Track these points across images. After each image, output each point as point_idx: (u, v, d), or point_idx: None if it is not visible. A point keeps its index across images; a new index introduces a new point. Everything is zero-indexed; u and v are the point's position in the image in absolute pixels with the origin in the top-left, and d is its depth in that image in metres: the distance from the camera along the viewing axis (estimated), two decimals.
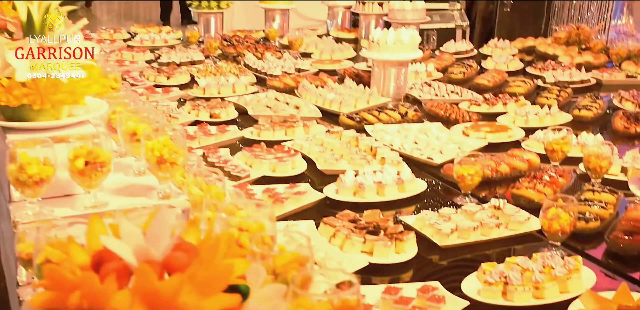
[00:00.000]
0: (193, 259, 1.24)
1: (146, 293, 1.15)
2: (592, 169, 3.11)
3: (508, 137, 3.84)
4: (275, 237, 1.63)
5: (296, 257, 1.49)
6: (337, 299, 1.30)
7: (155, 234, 1.26)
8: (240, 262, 1.32)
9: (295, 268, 1.48)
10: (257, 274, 1.34)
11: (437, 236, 2.66)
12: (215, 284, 1.20)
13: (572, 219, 2.53)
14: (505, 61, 5.52)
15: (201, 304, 1.17)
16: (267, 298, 1.32)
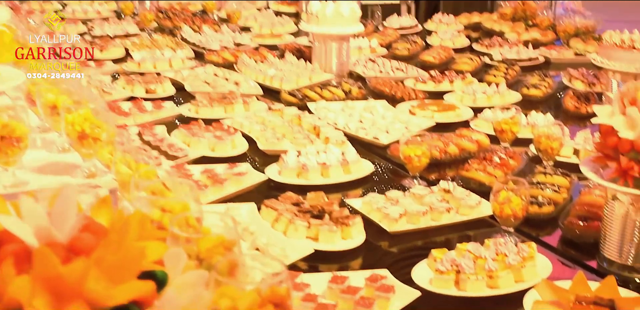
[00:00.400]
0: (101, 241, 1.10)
1: (48, 279, 1.01)
2: (543, 150, 3.05)
3: (456, 116, 3.77)
4: (201, 219, 1.49)
5: (221, 240, 1.35)
6: (265, 288, 1.19)
7: (60, 214, 1.11)
8: (156, 245, 1.17)
9: (221, 253, 1.34)
10: (177, 259, 1.20)
11: (385, 221, 2.57)
12: (127, 269, 1.06)
13: (524, 203, 2.45)
14: (451, 37, 5.44)
15: (111, 291, 1.03)
16: (187, 286, 1.18)
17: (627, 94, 2.22)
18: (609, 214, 2.31)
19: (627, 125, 2.17)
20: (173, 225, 1.33)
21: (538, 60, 5.00)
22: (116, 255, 1.07)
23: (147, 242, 1.15)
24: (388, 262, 2.42)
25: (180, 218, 1.40)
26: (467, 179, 2.93)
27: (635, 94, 2.21)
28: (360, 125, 3.54)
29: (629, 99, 2.19)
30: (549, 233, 2.65)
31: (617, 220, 2.28)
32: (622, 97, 2.21)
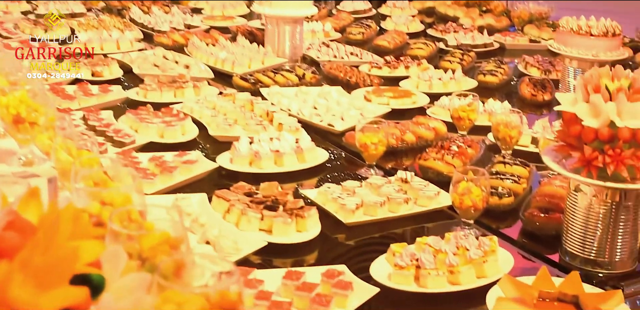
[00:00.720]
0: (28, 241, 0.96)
1: None
2: (502, 139, 2.97)
3: (412, 103, 3.68)
4: (145, 213, 1.35)
5: (167, 237, 1.21)
6: (214, 291, 1.07)
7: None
8: (92, 244, 1.02)
9: (166, 252, 1.20)
10: (115, 260, 1.07)
11: (342, 212, 2.47)
12: (57, 273, 0.92)
13: (485, 194, 2.37)
14: (405, 22, 5.34)
15: (38, 299, 0.90)
16: (127, 290, 1.05)
17: (591, 80, 2.13)
18: (572, 206, 2.23)
19: (590, 113, 2.09)
20: (112, 221, 1.20)
21: (493, 46, 4.92)
22: (45, 256, 0.93)
23: (81, 241, 1.02)
24: (345, 255, 2.32)
25: (121, 212, 1.26)
26: (425, 169, 2.83)
27: (599, 81, 2.12)
28: (314, 112, 3.43)
29: (593, 86, 2.11)
30: (509, 225, 2.57)
31: (579, 212, 2.21)
32: (586, 84, 2.13)
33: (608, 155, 2.07)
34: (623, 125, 2.04)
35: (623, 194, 2.14)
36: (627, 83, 2.12)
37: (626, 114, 2.05)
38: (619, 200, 2.15)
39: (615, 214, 2.16)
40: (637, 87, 2.09)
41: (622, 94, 2.05)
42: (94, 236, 1.03)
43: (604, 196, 2.15)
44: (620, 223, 2.17)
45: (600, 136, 2.07)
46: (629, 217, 2.17)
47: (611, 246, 2.19)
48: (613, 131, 2.06)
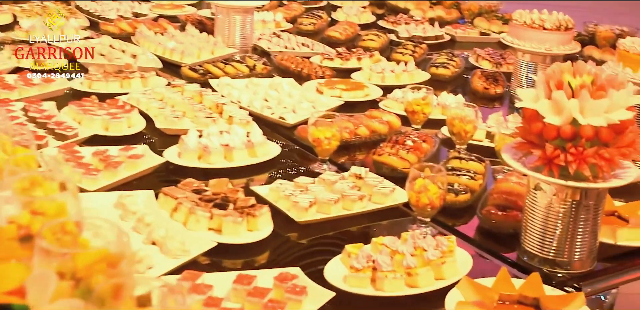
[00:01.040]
0: None
1: None
2: (457, 133, 2.86)
3: (365, 95, 3.55)
4: (81, 224, 1.19)
5: (104, 255, 1.07)
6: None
7: None
8: (15, 268, 0.88)
9: (103, 271, 1.06)
10: (44, 284, 0.92)
11: (294, 211, 2.33)
12: None
13: (442, 191, 2.26)
14: (357, 13, 5.20)
15: None
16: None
17: (553, 76, 2.02)
18: (531, 205, 2.12)
19: (553, 110, 1.98)
20: (43, 236, 1.05)
21: (444, 39, 4.81)
22: None
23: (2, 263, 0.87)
24: (298, 256, 2.19)
25: (53, 225, 1.11)
26: (380, 164, 2.71)
27: (561, 77, 2.02)
28: (265, 104, 3.28)
29: (555, 83, 2.00)
30: (465, 222, 2.46)
31: (539, 211, 2.10)
32: (548, 80, 2.02)
33: (570, 153, 1.97)
34: (586, 123, 1.94)
35: (584, 193, 2.04)
36: (589, 79, 2.02)
37: (589, 111, 1.95)
38: (580, 199, 2.05)
39: (575, 213, 2.06)
40: (600, 84, 1.99)
41: (586, 91, 1.95)
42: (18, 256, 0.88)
43: (565, 195, 2.05)
44: (580, 222, 2.07)
45: (562, 134, 1.97)
46: (589, 217, 2.07)
47: (570, 246, 2.09)
48: (575, 129, 1.96)
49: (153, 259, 2.01)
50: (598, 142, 1.97)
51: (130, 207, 2.24)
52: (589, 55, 4.47)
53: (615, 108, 1.97)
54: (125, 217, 2.24)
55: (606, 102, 1.94)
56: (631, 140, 2.01)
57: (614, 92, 1.96)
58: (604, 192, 2.08)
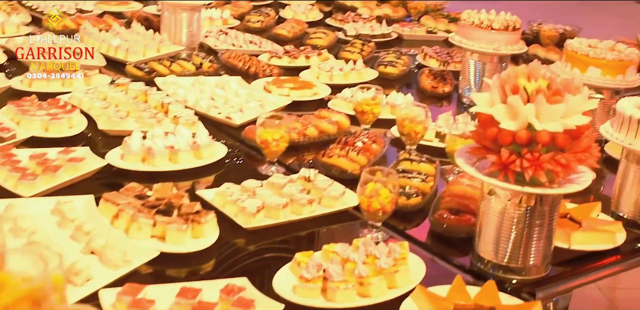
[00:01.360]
0: None
1: None
2: (407, 134, 2.74)
3: (313, 94, 3.41)
4: (4, 255, 1.03)
5: (29, 292, 0.95)
6: None
7: None
8: None
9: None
10: None
11: (241, 216, 2.19)
12: None
13: (394, 195, 2.14)
14: (304, 11, 5.06)
15: None
16: None
17: (508, 80, 1.91)
18: (485, 210, 2.01)
19: (508, 115, 1.87)
20: None
21: (391, 37, 4.70)
22: None
23: None
24: (246, 264, 2.06)
25: None
26: (329, 166, 2.58)
27: (517, 81, 1.91)
28: (212, 103, 3.12)
29: (511, 87, 1.89)
30: (417, 225, 2.34)
31: (493, 216, 1.99)
32: (503, 84, 1.90)
33: (526, 159, 1.86)
34: (542, 128, 1.83)
35: (539, 199, 1.94)
36: (544, 83, 1.91)
37: (545, 116, 1.84)
38: (535, 205, 1.94)
39: (530, 218, 1.95)
40: (556, 89, 1.88)
41: (542, 96, 1.84)
42: None
43: (520, 201, 1.94)
44: (535, 228, 1.97)
45: (518, 139, 1.86)
46: (544, 222, 1.97)
47: (525, 252, 1.99)
48: (531, 134, 1.85)
49: (92, 270, 1.85)
50: (554, 147, 1.87)
51: (68, 214, 2.08)
52: (533, 54, 4.40)
53: (572, 113, 1.87)
54: (63, 225, 2.08)
55: (562, 107, 1.84)
56: (587, 145, 1.91)
57: (570, 97, 1.86)
58: (559, 197, 1.98)
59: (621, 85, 3.03)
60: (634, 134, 2.27)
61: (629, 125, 2.29)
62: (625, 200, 2.36)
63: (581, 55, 3.05)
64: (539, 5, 7.58)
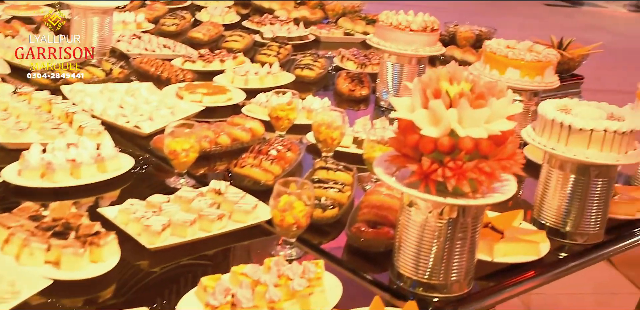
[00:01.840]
0: None
1: None
2: (323, 140, 2.54)
3: (227, 99, 3.18)
4: None
5: None
6: None
7: None
8: None
9: None
10: None
11: (145, 235, 1.96)
12: None
13: (309, 208, 1.94)
14: (221, 13, 4.81)
15: None
16: None
17: (430, 84, 1.72)
18: (404, 222, 1.83)
19: (429, 120, 1.69)
20: None
21: (308, 39, 4.50)
22: None
23: None
24: (149, 290, 1.82)
25: None
26: (241, 177, 2.36)
27: (439, 85, 1.72)
28: (120, 112, 2.87)
29: (432, 91, 1.70)
30: (333, 239, 2.14)
31: (413, 229, 1.81)
32: (424, 87, 1.72)
33: (448, 168, 1.67)
34: (465, 135, 1.65)
35: (462, 210, 1.76)
36: (467, 86, 1.73)
37: (468, 122, 1.66)
38: (457, 217, 1.76)
39: (452, 231, 1.77)
40: (480, 92, 1.70)
41: (465, 100, 1.65)
42: None
43: (441, 212, 1.76)
44: (458, 241, 1.79)
45: (440, 147, 1.68)
46: (466, 235, 1.79)
47: (447, 267, 1.80)
48: (454, 141, 1.67)
49: None
50: (477, 154, 1.69)
51: None
52: (450, 55, 4.26)
53: (496, 118, 1.69)
54: None
55: (486, 111, 1.66)
56: (511, 151, 1.74)
57: (494, 101, 1.68)
58: (482, 208, 1.81)
59: (540, 87, 2.89)
60: (557, 138, 2.12)
61: (551, 128, 2.13)
62: (548, 208, 2.20)
63: (500, 56, 2.89)
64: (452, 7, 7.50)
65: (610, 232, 2.23)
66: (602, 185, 2.14)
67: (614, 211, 2.28)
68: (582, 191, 2.14)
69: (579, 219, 2.16)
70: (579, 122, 2.07)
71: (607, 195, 2.16)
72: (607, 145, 2.06)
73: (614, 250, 2.26)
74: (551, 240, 2.12)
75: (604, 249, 2.21)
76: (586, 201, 2.14)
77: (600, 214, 2.17)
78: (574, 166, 2.13)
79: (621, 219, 2.32)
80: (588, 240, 2.18)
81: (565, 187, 2.15)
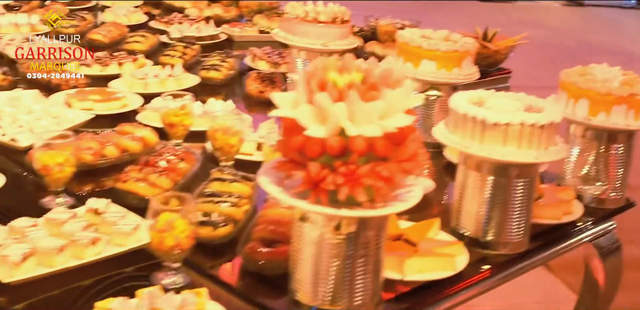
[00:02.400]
0: None
1: None
2: (220, 148, 2.33)
3: (122, 106, 2.94)
4: None
5: None
6: None
7: None
8: None
9: None
10: None
11: (3, 267, 1.71)
12: None
13: (193, 227, 1.72)
14: (127, 13, 4.55)
15: None
16: None
17: (315, 74, 1.52)
18: (298, 240, 1.62)
19: (316, 118, 1.48)
20: None
21: (220, 38, 4.27)
22: None
23: None
24: None
25: None
26: (124, 193, 2.13)
27: (325, 75, 1.52)
28: None
29: (317, 82, 1.50)
30: (228, 262, 1.92)
31: (308, 247, 1.60)
32: (309, 79, 1.51)
33: (340, 174, 1.47)
34: (357, 133, 1.45)
35: (362, 223, 1.56)
36: (358, 76, 1.53)
37: (360, 118, 1.45)
38: (358, 231, 1.56)
39: (353, 248, 1.57)
40: (372, 82, 1.50)
41: (354, 92, 1.45)
42: None
43: (338, 226, 1.56)
44: (360, 260, 1.58)
45: (329, 149, 1.47)
46: (369, 251, 1.59)
47: (350, 290, 1.59)
48: (345, 141, 1.46)
49: None
50: (373, 156, 1.49)
51: None
52: (371, 51, 4.08)
53: (392, 112, 1.48)
54: None
55: (380, 104, 1.45)
56: (413, 152, 1.54)
57: (389, 92, 1.48)
58: (384, 219, 1.61)
59: (459, 80, 2.71)
60: (470, 135, 1.93)
61: (464, 124, 1.95)
62: (466, 215, 2.01)
63: (413, 47, 2.71)
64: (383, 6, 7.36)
65: (535, 239, 2.05)
66: (524, 187, 1.96)
67: (538, 215, 2.11)
68: (502, 195, 1.95)
69: (500, 226, 1.97)
70: (492, 116, 1.88)
71: (529, 198, 1.98)
72: (525, 141, 1.88)
73: (540, 259, 2.08)
74: (472, 252, 1.93)
75: (528, 259, 2.03)
76: (507, 206, 1.96)
77: (524, 219, 1.98)
78: (491, 166, 1.94)
79: (547, 224, 2.15)
80: (511, 250, 2.00)
81: (483, 190, 1.96)
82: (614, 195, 2.37)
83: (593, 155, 2.34)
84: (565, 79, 2.36)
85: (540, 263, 2.10)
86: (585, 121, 2.28)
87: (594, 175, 2.36)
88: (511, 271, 1.98)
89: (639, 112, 2.23)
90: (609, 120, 2.25)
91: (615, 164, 2.34)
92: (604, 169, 2.35)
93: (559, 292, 3.73)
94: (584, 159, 2.37)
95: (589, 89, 2.26)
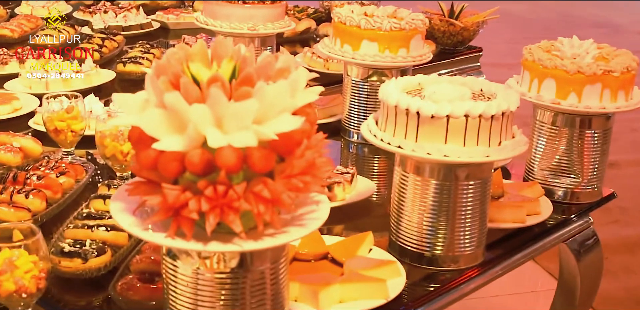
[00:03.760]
0: None
1: None
2: (112, 157, 1.97)
3: (14, 110, 2.58)
4: None
5: None
6: None
7: None
8: None
9: None
10: None
11: None
12: None
13: (45, 263, 1.38)
14: (46, 4, 4.17)
15: None
16: None
17: (169, 67, 1.17)
18: (171, 280, 1.27)
19: (170, 125, 1.13)
20: None
21: (152, 27, 3.91)
22: None
23: None
24: None
25: None
26: None
27: (183, 67, 1.17)
28: None
29: (169, 77, 1.15)
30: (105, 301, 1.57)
31: (185, 288, 1.25)
32: (159, 74, 1.17)
33: (206, 197, 1.12)
34: (226, 143, 1.09)
35: (248, 257, 1.21)
36: (230, 67, 1.19)
37: (229, 123, 1.10)
38: (244, 265, 1.21)
39: (242, 285, 1.22)
40: (247, 74, 1.16)
41: (217, 88, 1.10)
42: None
43: (216, 263, 1.21)
44: (253, 300, 1.24)
45: (189, 166, 1.12)
46: (264, 288, 1.24)
47: None
48: (210, 155, 1.11)
49: None
50: (250, 173, 1.14)
51: None
52: (324, 33, 3.76)
53: (272, 113, 1.14)
54: None
55: (252, 104, 1.10)
56: (308, 163, 1.18)
57: (266, 87, 1.13)
58: (282, 248, 1.26)
59: (407, 63, 2.37)
60: (404, 132, 1.59)
61: (395, 118, 1.60)
62: (407, 226, 1.67)
63: (351, 27, 2.37)
64: None
65: (494, 247, 1.73)
66: (475, 190, 1.62)
67: (498, 219, 1.79)
68: (448, 201, 1.61)
69: (448, 237, 1.64)
70: (429, 107, 1.54)
71: (483, 202, 1.64)
72: (472, 135, 1.54)
73: (501, 269, 1.76)
74: (415, 270, 1.60)
75: (485, 272, 1.70)
76: (456, 213, 1.62)
77: (476, 227, 1.65)
78: (433, 168, 1.60)
79: (509, 229, 1.82)
80: (463, 264, 1.67)
81: (425, 196, 1.63)
82: (589, 188, 2.06)
83: (564, 145, 2.02)
84: (527, 56, 2.03)
85: (501, 274, 1.78)
86: (553, 105, 1.95)
87: (565, 167, 2.04)
88: (463, 292, 1.65)
89: (615, 92, 1.89)
90: (580, 103, 1.91)
91: (590, 153, 2.02)
92: (578, 160, 2.03)
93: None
94: (553, 149, 2.05)
95: (555, 67, 1.93)
